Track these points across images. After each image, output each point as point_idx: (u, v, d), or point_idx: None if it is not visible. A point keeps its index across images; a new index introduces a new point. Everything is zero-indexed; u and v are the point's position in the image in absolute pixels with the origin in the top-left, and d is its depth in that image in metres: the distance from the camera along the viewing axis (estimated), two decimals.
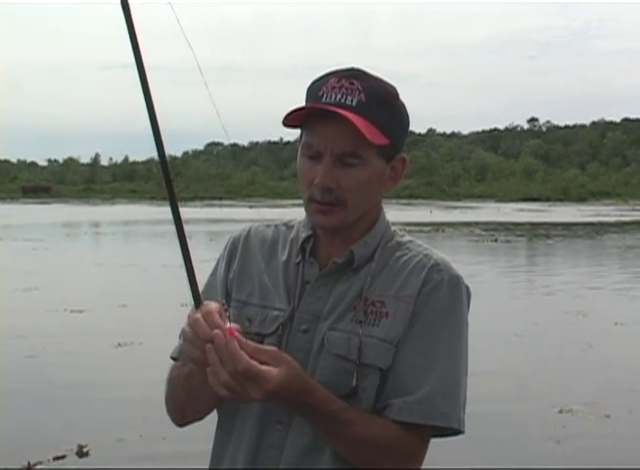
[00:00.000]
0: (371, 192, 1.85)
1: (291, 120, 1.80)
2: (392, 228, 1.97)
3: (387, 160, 1.85)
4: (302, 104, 1.82)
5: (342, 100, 1.77)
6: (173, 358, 1.97)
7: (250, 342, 1.62)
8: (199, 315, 1.61)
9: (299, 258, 1.92)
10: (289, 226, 2.02)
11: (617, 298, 15.85)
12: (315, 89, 1.83)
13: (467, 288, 1.90)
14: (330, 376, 1.80)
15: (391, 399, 1.79)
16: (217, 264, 2.04)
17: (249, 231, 2.03)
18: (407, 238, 1.96)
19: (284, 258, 1.95)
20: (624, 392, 8.80)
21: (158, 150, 1.66)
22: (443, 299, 1.84)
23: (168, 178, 1.68)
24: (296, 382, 1.65)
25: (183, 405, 1.92)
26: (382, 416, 1.79)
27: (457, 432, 1.84)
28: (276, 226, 2.03)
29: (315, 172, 1.80)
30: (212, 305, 1.63)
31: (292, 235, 1.98)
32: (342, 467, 1.80)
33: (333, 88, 1.79)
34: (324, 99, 1.79)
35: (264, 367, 1.59)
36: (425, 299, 1.83)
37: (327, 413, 1.71)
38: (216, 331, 1.57)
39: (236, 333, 1.59)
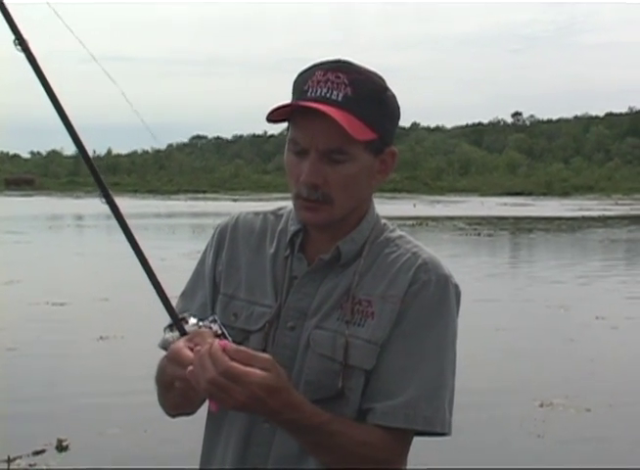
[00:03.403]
0: (359, 188, 1.82)
1: (275, 116, 1.76)
2: (383, 222, 1.93)
3: (375, 154, 1.81)
4: (286, 97, 1.79)
5: (328, 95, 1.73)
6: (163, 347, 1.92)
7: (242, 349, 1.58)
8: (181, 345, 1.61)
9: (288, 252, 1.89)
10: (277, 215, 1.98)
11: (598, 292, 15.91)
12: (301, 83, 1.78)
13: (456, 287, 1.86)
14: (316, 376, 1.78)
15: (375, 402, 1.77)
16: (205, 253, 2.00)
17: (236, 220, 1.98)
18: (397, 233, 1.92)
19: (272, 250, 1.91)
20: (605, 385, 8.83)
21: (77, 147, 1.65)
22: (430, 299, 1.80)
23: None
24: (282, 394, 1.59)
25: (172, 401, 1.87)
26: (365, 420, 1.77)
27: (442, 433, 1.81)
28: (265, 215, 1.99)
29: (301, 169, 1.77)
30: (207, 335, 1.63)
31: (280, 226, 1.95)
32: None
33: (318, 82, 1.75)
34: (309, 93, 1.75)
35: (248, 368, 1.54)
36: (411, 299, 1.80)
37: (313, 427, 1.67)
38: (198, 347, 1.56)
39: (226, 345, 1.57)
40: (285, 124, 1.83)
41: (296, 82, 1.81)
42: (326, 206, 1.78)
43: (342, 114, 1.71)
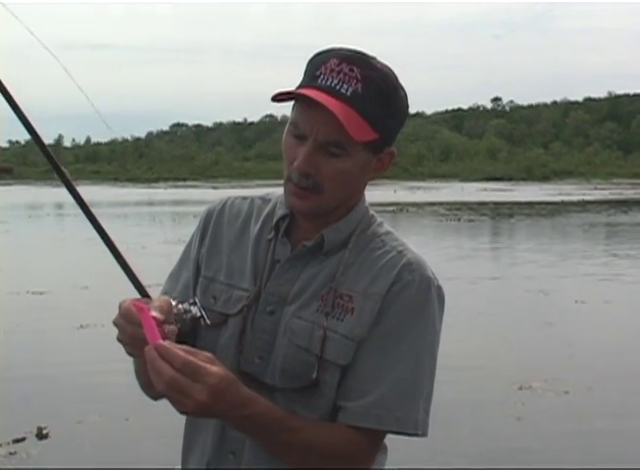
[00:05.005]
0: (351, 182, 1.80)
1: (280, 95, 1.73)
2: (371, 213, 1.91)
3: (374, 153, 1.80)
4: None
5: (338, 87, 1.70)
6: None
7: (182, 346, 1.55)
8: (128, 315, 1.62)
9: (272, 235, 1.88)
10: (265, 200, 1.97)
11: (577, 276, 15.98)
12: (315, 66, 1.75)
13: (439, 289, 1.83)
14: (292, 365, 1.77)
15: (347, 400, 1.76)
16: (192, 236, 2.00)
17: (224, 204, 1.98)
18: (385, 229, 1.90)
19: (255, 232, 1.91)
20: (583, 369, 8.90)
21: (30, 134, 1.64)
22: (411, 299, 1.78)
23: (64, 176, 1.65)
24: (236, 387, 1.59)
25: (149, 383, 1.90)
26: (337, 419, 1.76)
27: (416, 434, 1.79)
28: (252, 200, 1.98)
29: (297, 153, 1.74)
30: (157, 303, 1.63)
31: (267, 209, 1.94)
32: None
33: (331, 71, 1.72)
34: (320, 80, 1.72)
35: (203, 363, 1.53)
36: (392, 298, 1.77)
37: (271, 422, 1.65)
38: (146, 348, 1.53)
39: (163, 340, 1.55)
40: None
41: (310, 63, 1.78)
42: (315, 195, 1.77)
43: (348, 110, 1.69)
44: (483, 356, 9.37)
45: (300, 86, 1.76)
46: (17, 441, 6.38)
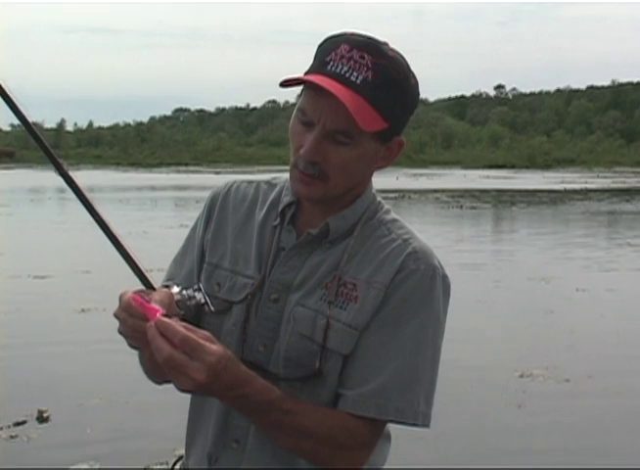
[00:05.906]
0: (357, 171, 1.77)
1: (290, 80, 1.70)
2: (378, 200, 1.89)
3: (382, 142, 1.77)
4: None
5: (347, 74, 1.68)
6: None
7: (181, 323, 1.55)
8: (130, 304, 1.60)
9: (277, 222, 1.86)
10: (271, 184, 1.95)
11: (579, 264, 15.96)
12: (325, 52, 1.73)
13: (444, 278, 1.81)
14: (295, 353, 1.76)
15: (347, 388, 1.75)
16: (197, 220, 1.98)
17: (229, 188, 1.96)
18: (391, 216, 1.87)
19: (260, 218, 1.89)
20: (584, 357, 8.91)
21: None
22: (415, 288, 1.76)
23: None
24: (234, 365, 1.58)
25: (152, 368, 1.87)
26: (336, 407, 1.75)
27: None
28: (258, 184, 1.96)
29: (304, 140, 1.72)
30: (157, 296, 1.61)
31: (273, 195, 1.92)
32: None
33: (342, 58, 1.69)
34: (329, 67, 1.69)
35: (202, 340, 1.53)
36: (396, 287, 1.76)
37: (266, 403, 1.64)
38: (148, 325, 1.52)
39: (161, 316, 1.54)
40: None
41: (320, 48, 1.75)
42: (320, 182, 1.74)
43: (357, 99, 1.66)
44: (484, 344, 9.37)
45: (310, 72, 1.74)
46: (17, 424, 6.38)
